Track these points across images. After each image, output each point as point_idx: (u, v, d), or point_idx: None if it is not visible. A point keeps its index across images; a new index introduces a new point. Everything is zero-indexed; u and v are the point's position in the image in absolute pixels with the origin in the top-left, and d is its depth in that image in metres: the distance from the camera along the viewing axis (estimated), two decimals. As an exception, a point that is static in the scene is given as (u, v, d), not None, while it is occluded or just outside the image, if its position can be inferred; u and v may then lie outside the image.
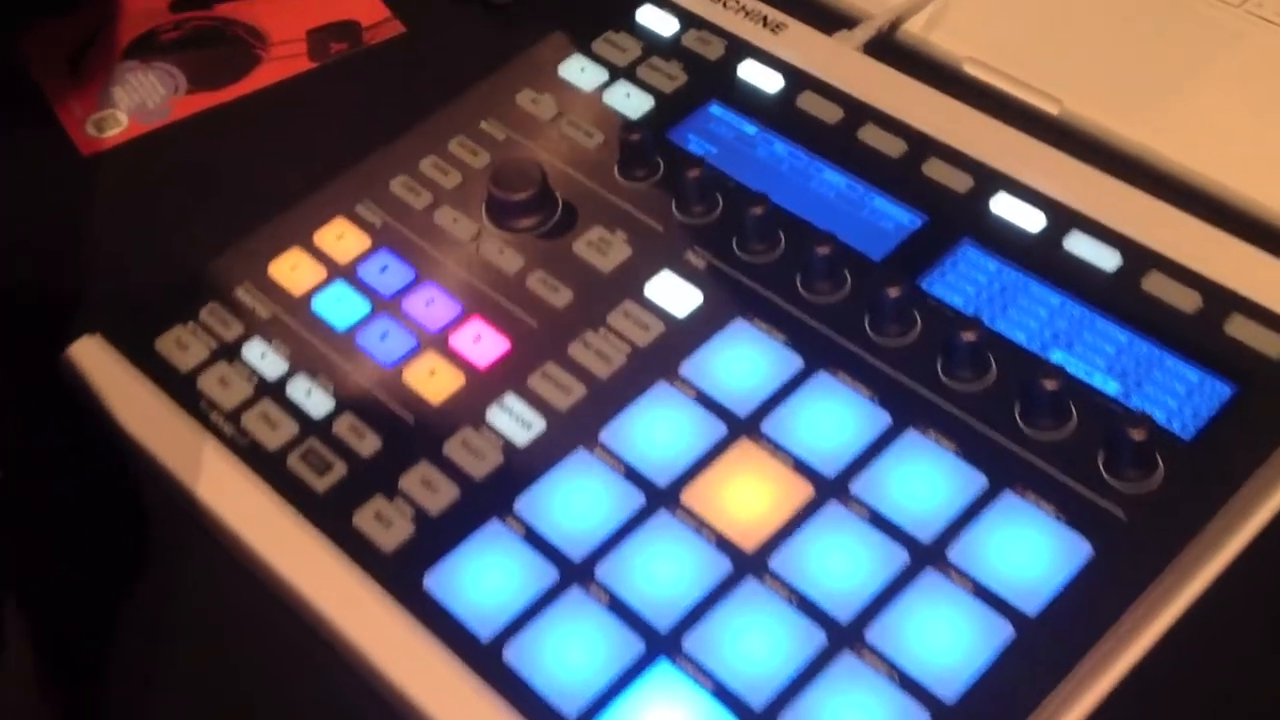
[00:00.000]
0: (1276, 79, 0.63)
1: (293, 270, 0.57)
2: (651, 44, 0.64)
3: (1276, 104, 0.62)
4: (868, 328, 0.53)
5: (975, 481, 0.49)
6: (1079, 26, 0.67)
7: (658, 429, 0.51)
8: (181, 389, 0.54)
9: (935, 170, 0.58)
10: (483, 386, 0.53)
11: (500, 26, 0.73)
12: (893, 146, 0.59)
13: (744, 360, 0.53)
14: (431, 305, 0.55)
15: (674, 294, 0.55)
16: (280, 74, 0.71)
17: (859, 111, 0.60)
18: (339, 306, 0.56)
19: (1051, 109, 0.64)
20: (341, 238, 0.58)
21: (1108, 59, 0.65)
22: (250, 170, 0.65)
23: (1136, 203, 0.56)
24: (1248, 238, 0.55)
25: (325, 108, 0.69)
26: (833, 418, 0.51)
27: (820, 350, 0.53)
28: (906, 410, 0.51)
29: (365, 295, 0.56)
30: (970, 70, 0.66)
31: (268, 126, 0.68)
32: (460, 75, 0.68)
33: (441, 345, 0.54)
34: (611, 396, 0.52)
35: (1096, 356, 0.52)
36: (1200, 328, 0.52)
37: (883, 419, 0.51)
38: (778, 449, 0.50)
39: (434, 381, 0.53)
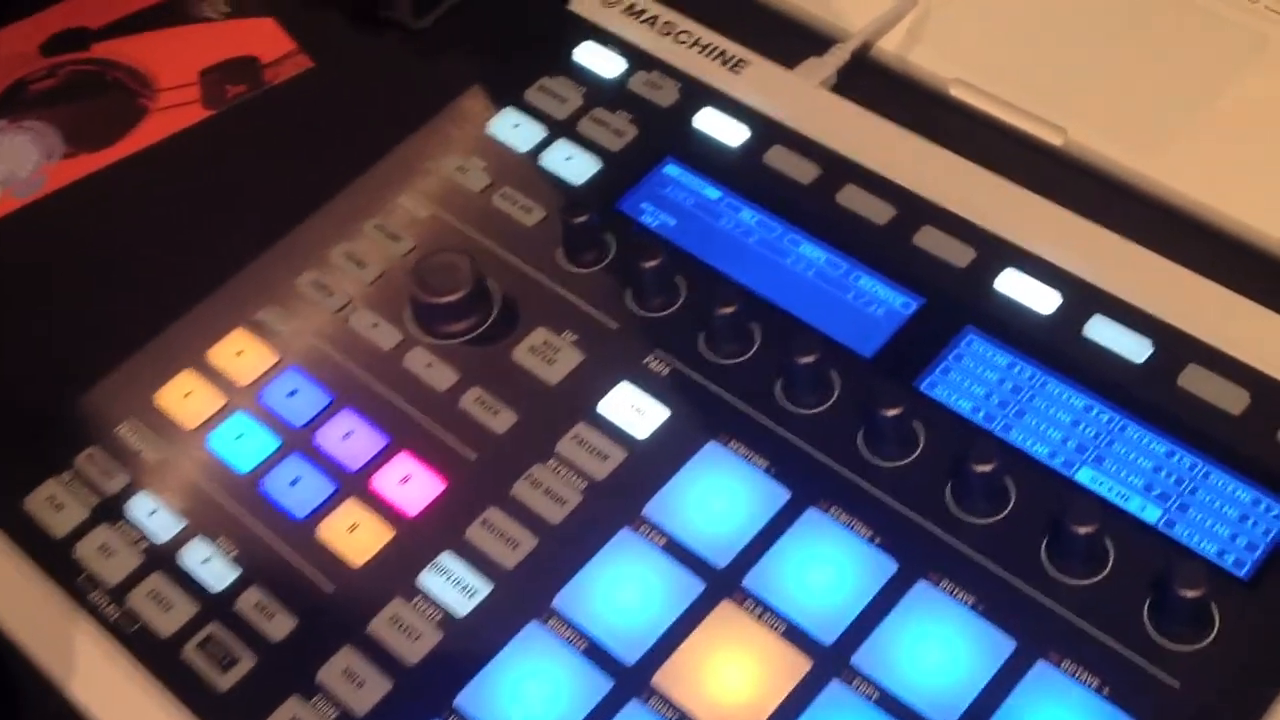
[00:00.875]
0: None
1: (184, 399, 0.49)
2: (594, 91, 0.55)
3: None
4: (862, 446, 0.45)
5: (1002, 647, 0.41)
6: (1078, 39, 0.58)
7: (623, 591, 0.43)
8: (56, 560, 0.46)
9: (929, 240, 0.50)
10: (414, 541, 0.45)
11: (418, 56, 0.64)
12: (878, 211, 0.51)
13: (720, 495, 0.45)
14: (351, 438, 0.47)
15: (634, 411, 0.47)
16: (170, 127, 0.62)
17: (837, 168, 0.52)
18: (241, 444, 0.47)
19: (1054, 139, 0.56)
20: (241, 354, 0.49)
21: (1115, 76, 0.57)
22: (138, 256, 0.56)
23: (1167, 277, 0.48)
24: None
25: (224, 168, 0.60)
26: (829, 566, 0.43)
27: (809, 478, 0.45)
28: (915, 554, 0.43)
29: (271, 428, 0.48)
30: (958, 94, 0.58)
31: (158, 197, 0.59)
32: (379, 119, 0.60)
33: (363, 489, 0.46)
34: (567, 549, 0.44)
35: (1132, 474, 0.44)
36: (1250, 433, 0.44)
37: (888, 567, 0.43)
38: (765, 610, 0.43)
39: (356, 538, 0.45)
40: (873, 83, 0.59)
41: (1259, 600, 0.41)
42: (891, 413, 0.44)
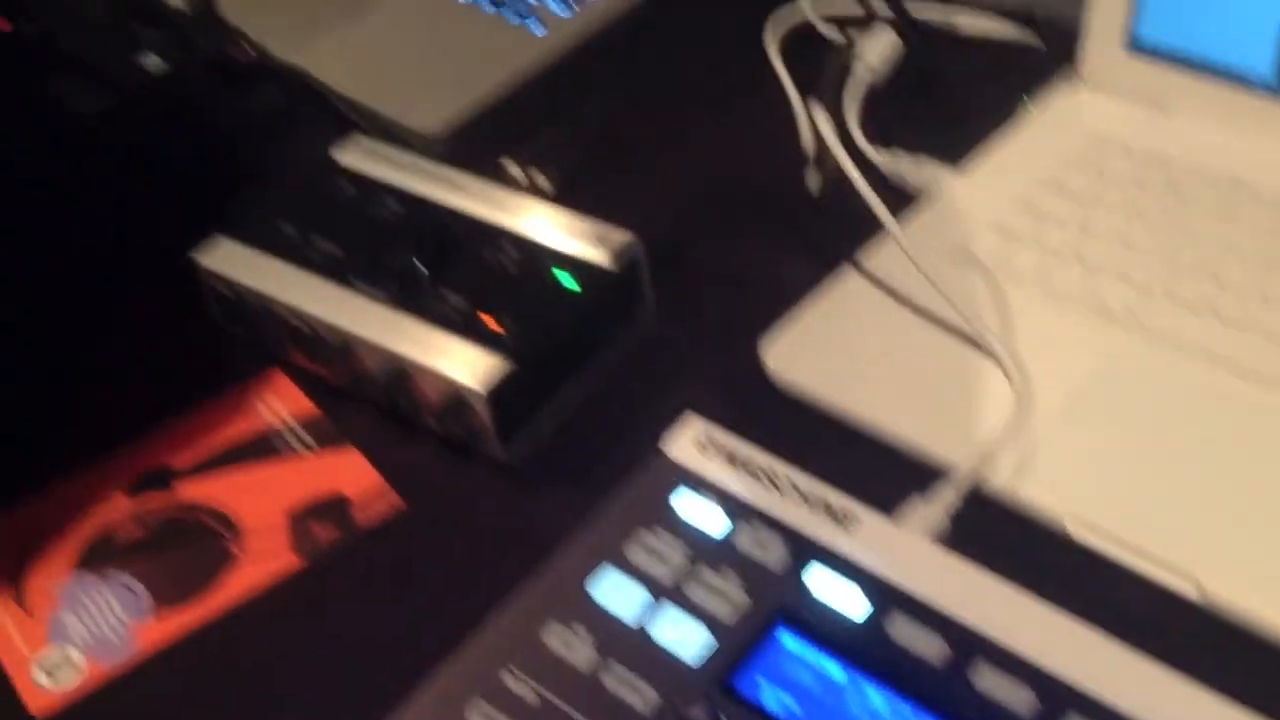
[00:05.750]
0: None
1: None
2: (698, 548, 0.53)
3: None
4: None
5: None
6: (1202, 481, 0.56)
7: None
8: None
9: (1074, 728, 0.47)
10: None
11: (513, 491, 0.62)
12: (1019, 699, 0.48)
13: None
14: None
15: None
16: (260, 579, 0.60)
17: (969, 645, 0.49)
18: None
19: (1188, 588, 0.53)
20: None
21: (1246, 520, 0.54)
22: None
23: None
24: None
25: (319, 632, 0.58)
26: None
27: None
28: None
29: None
30: (1076, 532, 0.56)
31: (249, 665, 0.57)
32: (474, 564, 0.58)
33: None
34: None
35: None
36: None
37: None
38: None
39: None
40: (984, 523, 0.57)
41: None
42: None
